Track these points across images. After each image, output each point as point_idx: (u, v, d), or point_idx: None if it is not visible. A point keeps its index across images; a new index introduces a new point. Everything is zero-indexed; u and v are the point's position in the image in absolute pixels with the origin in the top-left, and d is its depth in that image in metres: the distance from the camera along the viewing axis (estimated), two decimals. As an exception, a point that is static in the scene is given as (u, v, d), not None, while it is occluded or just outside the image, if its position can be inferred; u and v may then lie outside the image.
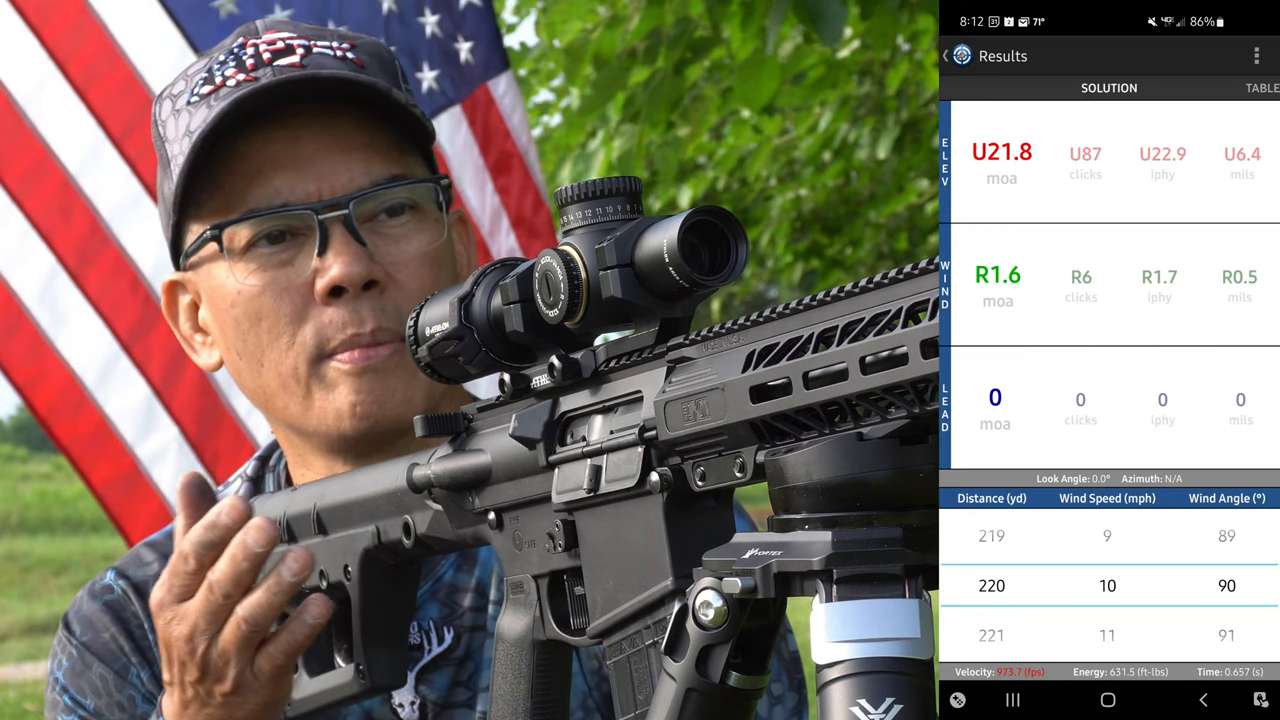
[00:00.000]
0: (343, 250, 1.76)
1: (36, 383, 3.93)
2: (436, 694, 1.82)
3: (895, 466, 1.14)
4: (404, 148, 1.84)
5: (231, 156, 1.79)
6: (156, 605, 1.64)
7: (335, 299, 1.77)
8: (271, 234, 1.79)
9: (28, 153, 3.88)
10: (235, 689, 1.62)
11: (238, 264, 1.79)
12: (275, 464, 1.95)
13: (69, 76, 3.85)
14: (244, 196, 1.79)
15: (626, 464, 1.33)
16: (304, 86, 1.79)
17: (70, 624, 1.91)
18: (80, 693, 1.88)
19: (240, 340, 1.81)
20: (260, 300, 1.79)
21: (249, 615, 1.59)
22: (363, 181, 1.79)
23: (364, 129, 1.81)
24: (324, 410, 1.79)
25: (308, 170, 1.78)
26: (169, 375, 3.91)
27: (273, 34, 1.85)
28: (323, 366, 1.78)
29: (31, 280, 3.91)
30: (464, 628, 1.83)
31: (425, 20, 3.91)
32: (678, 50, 4.82)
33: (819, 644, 1.12)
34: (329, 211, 1.77)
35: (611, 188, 1.36)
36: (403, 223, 1.81)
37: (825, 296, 1.18)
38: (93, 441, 3.92)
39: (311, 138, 1.79)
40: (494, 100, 3.96)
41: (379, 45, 1.89)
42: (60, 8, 3.85)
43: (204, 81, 1.81)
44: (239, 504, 1.61)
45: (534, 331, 1.41)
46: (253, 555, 1.59)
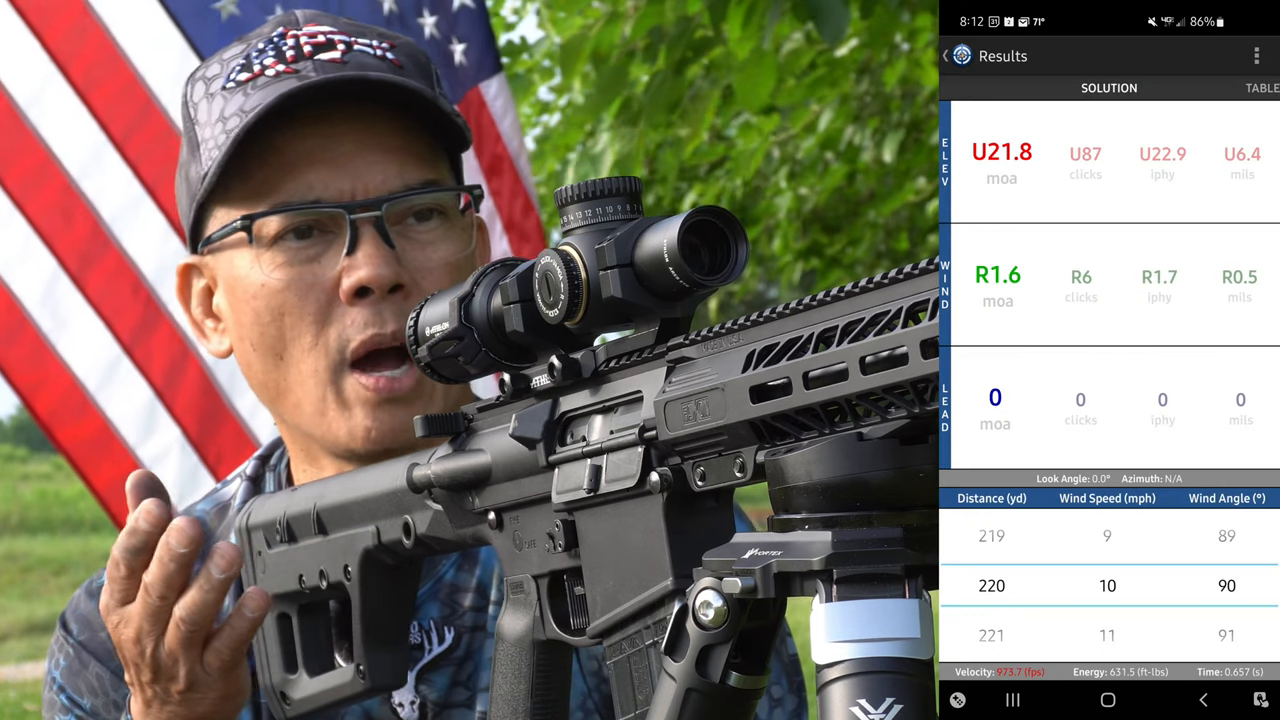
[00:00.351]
0: (372, 252, 1.75)
1: (38, 387, 3.92)
2: (436, 694, 1.82)
3: (895, 466, 1.14)
4: (436, 152, 1.83)
5: (266, 148, 1.77)
6: (104, 610, 1.66)
7: (359, 299, 1.76)
8: (300, 228, 1.78)
9: (29, 156, 3.86)
10: (189, 686, 1.64)
11: (264, 255, 1.78)
12: (276, 463, 1.95)
13: (70, 79, 3.83)
14: (275, 188, 1.78)
15: (626, 464, 1.33)
16: (352, 86, 1.78)
17: (67, 623, 1.92)
18: (77, 692, 1.88)
19: (258, 332, 1.80)
20: (284, 295, 1.78)
21: (186, 615, 1.61)
22: (396, 184, 1.78)
23: (400, 131, 1.80)
24: (336, 426, 1.79)
25: (343, 168, 1.77)
26: (171, 377, 3.90)
27: (314, 26, 1.83)
28: (343, 380, 1.77)
29: (33, 284, 3.90)
30: (464, 628, 1.83)
31: (424, 21, 3.90)
32: (678, 49, 4.82)
33: (819, 644, 1.12)
34: (362, 211, 1.76)
35: (611, 188, 1.36)
36: (431, 228, 1.80)
37: (825, 296, 1.18)
38: (95, 445, 3.91)
39: (348, 136, 1.78)
40: (485, 103, 3.94)
41: (415, 47, 1.88)
42: (61, 10, 3.82)
43: (241, 68, 1.80)
44: (154, 508, 1.62)
45: (534, 331, 1.41)
46: (178, 556, 1.60)
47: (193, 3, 3.82)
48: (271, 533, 1.75)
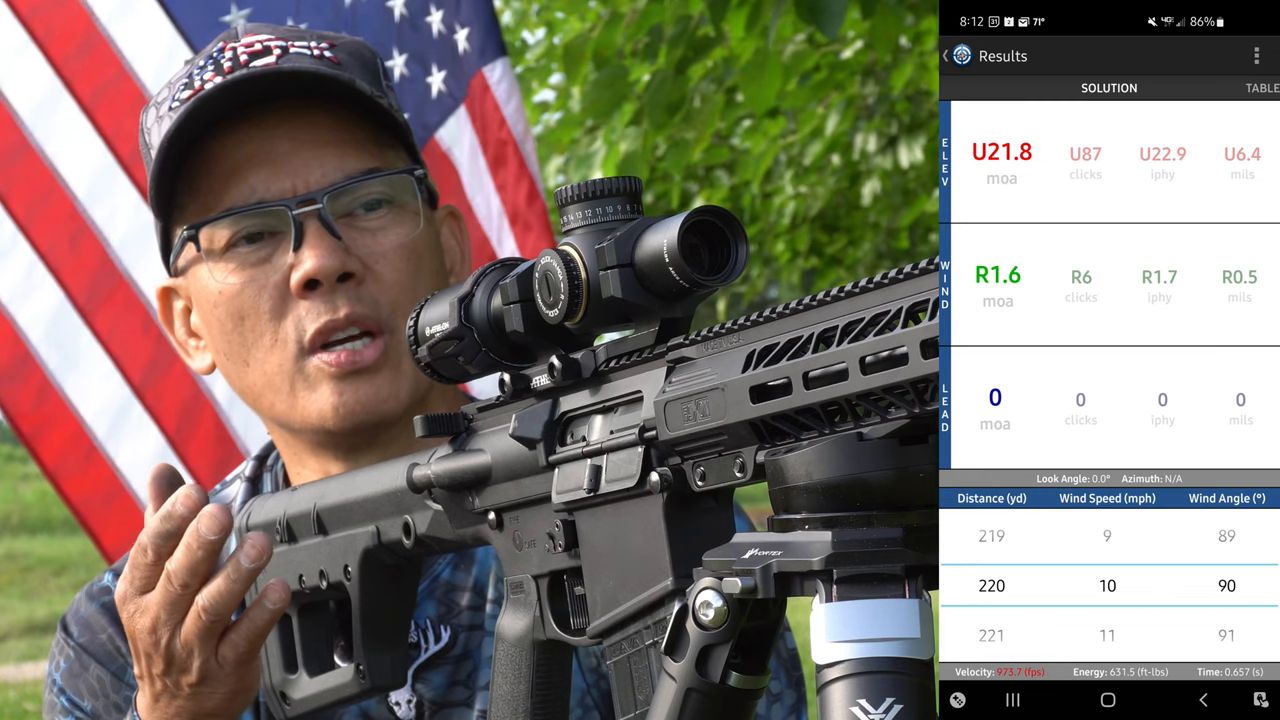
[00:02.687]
0: (317, 244, 1.77)
1: (42, 431, 3.71)
2: (433, 692, 1.82)
3: (895, 466, 1.14)
4: (382, 142, 1.85)
5: (207, 159, 1.80)
6: (120, 599, 1.64)
7: (310, 291, 1.78)
8: (250, 233, 1.80)
9: (36, 178, 3.71)
10: (201, 679, 1.62)
11: (218, 264, 1.81)
12: (273, 464, 1.95)
13: (77, 96, 3.72)
14: (221, 197, 1.80)
15: (626, 464, 1.33)
16: (268, 82, 1.80)
17: (68, 625, 1.92)
18: (78, 694, 1.88)
19: (225, 340, 1.83)
20: (240, 299, 1.80)
21: (209, 604, 1.59)
22: (336, 176, 1.80)
23: (339, 125, 1.82)
24: (307, 408, 1.80)
25: (282, 167, 1.79)
26: (184, 422, 3.70)
27: (251, 36, 1.85)
28: (305, 363, 1.79)
29: (39, 317, 3.71)
30: (461, 626, 1.83)
31: (431, 19, 3.87)
32: (679, 49, 4.81)
33: (819, 644, 1.12)
34: (302, 207, 1.78)
35: (611, 188, 1.36)
36: (380, 216, 1.82)
37: (825, 296, 1.18)
38: (104, 498, 3.70)
39: (284, 135, 1.80)
40: (489, 87, 3.86)
41: (360, 44, 1.90)
42: (68, 24, 3.70)
43: (184, 87, 1.82)
44: (193, 493, 1.61)
45: (534, 331, 1.41)
46: (206, 543, 1.58)
47: (202, 17, 3.74)
48: (271, 533, 1.75)
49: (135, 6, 3.73)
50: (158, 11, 3.73)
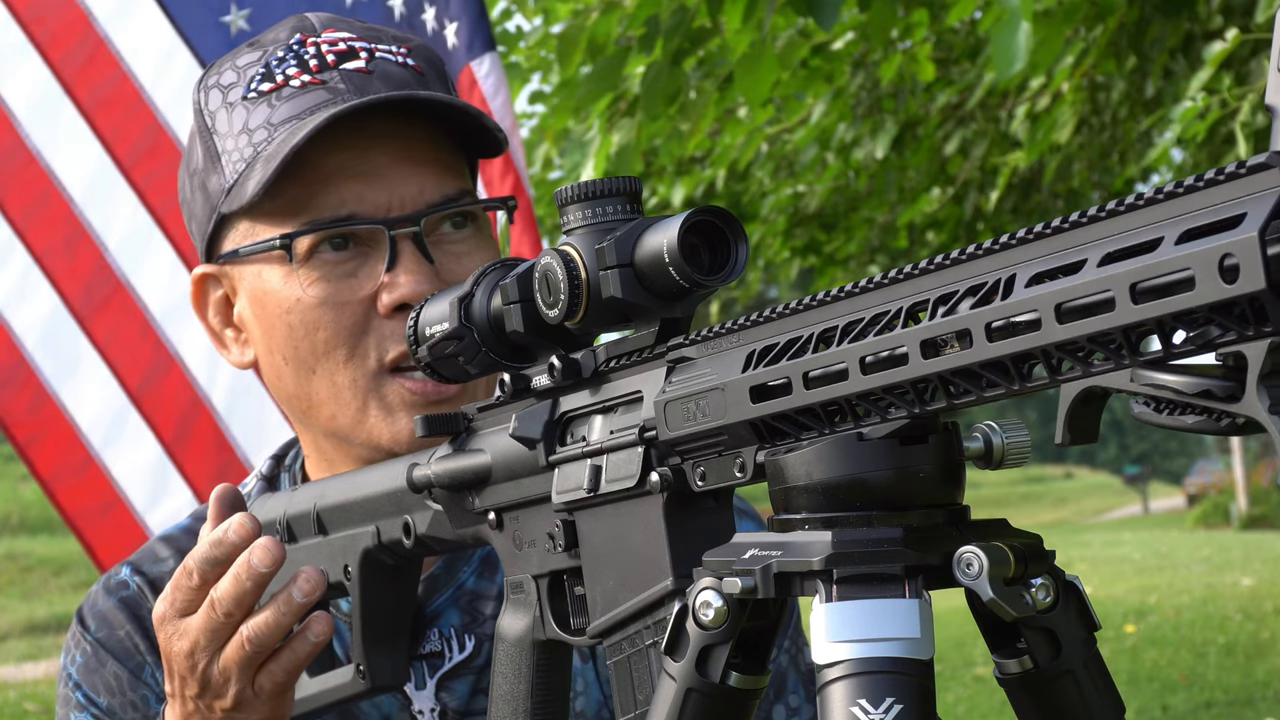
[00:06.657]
0: (412, 268, 1.74)
1: (37, 439, 3.66)
2: (457, 701, 1.81)
3: (895, 466, 1.14)
4: (462, 160, 1.82)
5: (298, 163, 1.74)
6: (159, 618, 1.62)
7: (398, 313, 1.75)
8: (335, 240, 1.76)
9: (32, 181, 3.66)
10: (236, 705, 1.61)
11: (299, 270, 1.76)
12: (291, 463, 1.93)
13: (75, 98, 3.67)
14: (307, 204, 1.75)
15: (626, 464, 1.33)
16: (394, 106, 1.75)
17: (85, 619, 1.89)
18: (94, 690, 1.86)
19: (291, 346, 1.77)
20: (320, 311, 1.75)
21: (254, 635, 1.58)
22: (433, 196, 1.77)
23: (432, 142, 1.78)
24: (378, 429, 1.77)
25: (378, 182, 1.75)
26: (181, 430, 3.64)
27: (332, 33, 1.81)
28: (384, 385, 1.76)
29: (34, 322, 3.66)
30: (485, 635, 1.82)
31: (426, 17, 3.86)
32: (675, 40, 4.80)
33: (819, 644, 1.13)
34: (400, 226, 1.74)
35: (611, 188, 1.36)
36: (465, 236, 1.79)
37: (825, 296, 1.18)
38: (100, 509, 3.65)
39: (382, 149, 1.76)
40: (477, 81, 3.81)
41: (428, 48, 1.87)
42: (66, 26, 3.67)
43: (262, 78, 1.78)
44: (248, 522, 1.59)
45: (534, 331, 1.41)
46: (257, 575, 1.56)
47: (201, 18, 3.67)
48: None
49: (134, 8, 3.69)
50: (157, 12, 3.70)
